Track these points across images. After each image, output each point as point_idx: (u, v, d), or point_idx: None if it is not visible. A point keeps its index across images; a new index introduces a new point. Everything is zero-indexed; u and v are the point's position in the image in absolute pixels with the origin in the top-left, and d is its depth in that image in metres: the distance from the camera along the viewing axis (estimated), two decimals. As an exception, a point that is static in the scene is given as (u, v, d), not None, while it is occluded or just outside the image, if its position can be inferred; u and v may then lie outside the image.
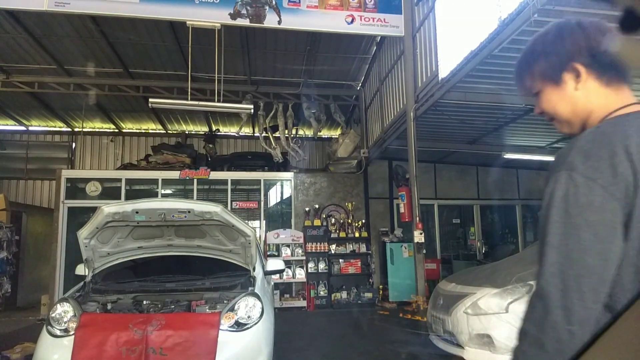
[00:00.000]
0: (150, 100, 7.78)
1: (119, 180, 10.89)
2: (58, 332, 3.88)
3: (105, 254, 4.69)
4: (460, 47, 5.90)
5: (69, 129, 14.44)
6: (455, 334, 5.47)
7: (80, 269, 4.90)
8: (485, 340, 5.22)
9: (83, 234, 4.37)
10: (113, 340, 3.64)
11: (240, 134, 13.96)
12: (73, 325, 3.84)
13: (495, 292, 5.31)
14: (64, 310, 4.01)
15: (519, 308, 5.13)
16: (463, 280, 6.07)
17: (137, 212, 4.21)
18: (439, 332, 5.90)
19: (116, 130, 14.63)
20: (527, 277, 5.38)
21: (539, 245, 1.09)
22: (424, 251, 7.42)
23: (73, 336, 3.74)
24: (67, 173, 10.95)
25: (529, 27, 4.58)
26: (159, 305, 4.23)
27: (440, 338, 5.95)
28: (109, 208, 4.13)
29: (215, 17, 7.23)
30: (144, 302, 4.30)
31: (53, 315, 3.99)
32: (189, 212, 4.26)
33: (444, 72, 6.41)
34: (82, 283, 4.71)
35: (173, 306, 4.22)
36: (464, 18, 5.91)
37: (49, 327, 3.93)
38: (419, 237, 7.26)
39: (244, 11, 7.26)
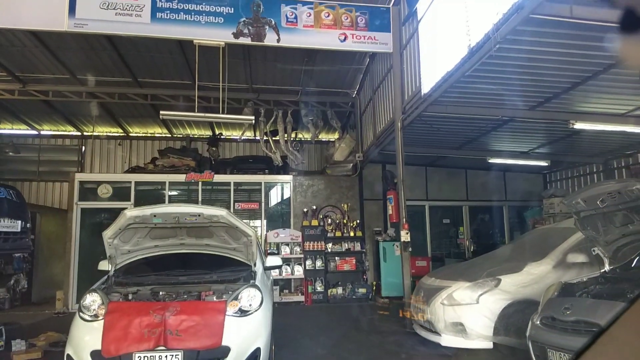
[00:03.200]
0: (162, 112, 8.48)
1: (129, 182, 11.58)
2: (88, 318, 4.55)
3: (126, 252, 5.39)
4: (439, 66, 6.58)
5: (79, 133, 15.13)
6: (433, 322, 6.18)
7: (103, 265, 5.58)
8: (459, 328, 5.94)
9: (108, 234, 5.06)
10: (137, 323, 4.32)
11: (242, 138, 14.64)
12: (101, 311, 4.52)
13: (467, 285, 6.02)
14: (93, 300, 4.68)
15: (489, 299, 5.86)
16: (442, 275, 6.79)
17: (154, 216, 4.90)
18: (420, 321, 6.61)
19: (124, 134, 15.32)
20: (496, 272, 6.11)
21: None
22: (410, 249, 8.08)
23: (102, 321, 4.41)
24: (80, 176, 11.63)
25: (495, 53, 5.27)
26: (173, 295, 4.92)
27: (421, 326, 6.66)
28: (131, 212, 4.83)
29: (220, 36, 7.91)
30: (160, 293, 4.98)
31: (84, 303, 4.66)
32: (199, 215, 4.96)
33: (426, 88, 7.08)
34: (105, 277, 5.39)
35: (185, 296, 4.91)
36: (443, 40, 6.58)
37: (81, 314, 4.61)
38: (405, 236, 7.93)
39: (245, 30, 7.95)
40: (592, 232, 4.72)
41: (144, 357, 4.21)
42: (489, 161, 10.85)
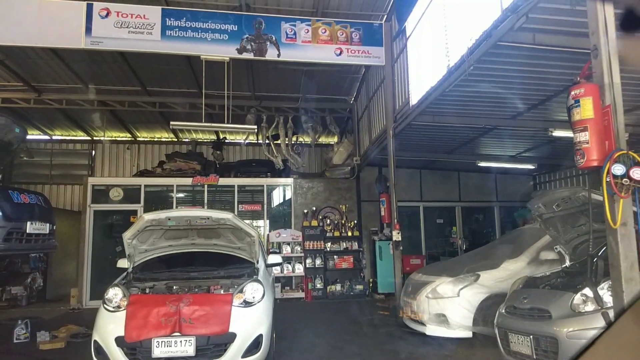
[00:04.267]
0: (172, 123, 9.15)
1: (139, 186, 12.25)
2: (111, 309, 5.19)
3: (143, 251, 6.04)
4: (425, 81, 7.22)
5: (89, 138, 15.83)
6: (419, 314, 6.81)
7: (122, 263, 6.23)
8: (442, 319, 6.57)
9: (127, 235, 5.70)
10: (155, 313, 4.95)
11: (246, 142, 15.31)
12: (123, 303, 5.17)
13: (450, 280, 6.66)
14: (115, 293, 5.33)
15: (468, 293, 6.49)
16: (427, 272, 7.42)
17: (169, 219, 5.55)
18: (408, 313, 7.25)
19: (132, 139, 16.00)
20: (476, 268, 6.74)
21: None
22: (401, 248, 8.71)
23: (124, 311, 5.04)
24: (93, 180, 12.31)
25: (472, 71, 5.90)
26: (186, 289, 5.56)
27: (409, 318, 7.30)
28: (149, 216, 5.48)
29: (225, 52, 8.56)
30: (174, 287, 5.62)
31: (107, 296, 5.30)
32: (208, 218, 5.61)
33: (414, 100, 7.72)
34: (125, 273, 6.05)
35: (197, 289, 5.54)
36: (427, 57, 7.22)
37: (105, 305, 5.25)
38: (396, 236, 8.56)
39: (248, 46, 8.60)
40: (554, 232, 5.35)
41: (162, 342, 4.85)
42: (479, 165, 11.46)
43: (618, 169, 3.08)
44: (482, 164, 11.36)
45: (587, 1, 3.57)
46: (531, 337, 4.27)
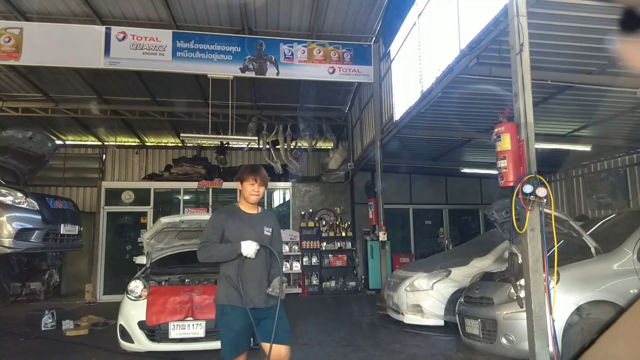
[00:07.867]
0: (182, 135, 10.18)
1: (149, 189, 13.23)
2: (133, 298, 6.14)
3: (159, 249, 7.03)
4: (405, 100, 8.19)
5: (100, 143, 16.79)
6: (399, 304, 7.77)
7: (141, 259, 7.18)
8: (418, 309, 7.53)
9: (146, 235, 6.69)
10: (171, 301, 5.92)
11: (248, 146, 16.25)
12: (144, 293, 6.12)
13: (425, 275, 7.60)
14: (136, 285, 6.27)
15: (441, 286, 7.44)
16: (408, 268, 8.39)
17: (182, 222, 6.53)
18: (390, 304, 8.22)
19: (140, 144, 16.96)
20: (448, 265, 7.69)
21: None
22: (387, 248, 9.68)
23: (145, 300, 6.01)
24: (106, 184, 13.31)
25: (441, 98, 6.86)
26: (196, 282, 6.55)
27: (391, 309, 8.27)
28: (165, 219, 6.45)
29: (229, 71, 9.55)
30: (186, 280, 6.61)
31: (130, 288, 6.24)
32: (216, 221, 6.58)
33: (397, 116, 8.68)
34: (143, 269, 7.03)
35: (205, 282, 6.52)
36: (407, 79, 8.18)
37: (128, 295, 6.19)
38: (382, 236, 9.53)
39: (250, 66, 9.59)
40: (508, 235, 6.29)
41: (177, 325, 5.83)
42: (462, 171, 12.41)
43: (527, 188, 4.05)
44: (465, 170, 12.31)
45: (511, 56, 4.52)
46: (479, 320, 5.24)
